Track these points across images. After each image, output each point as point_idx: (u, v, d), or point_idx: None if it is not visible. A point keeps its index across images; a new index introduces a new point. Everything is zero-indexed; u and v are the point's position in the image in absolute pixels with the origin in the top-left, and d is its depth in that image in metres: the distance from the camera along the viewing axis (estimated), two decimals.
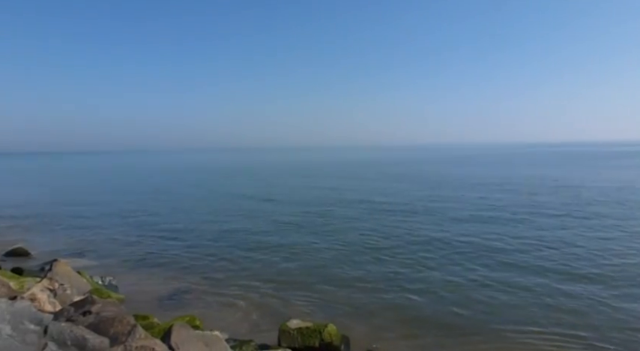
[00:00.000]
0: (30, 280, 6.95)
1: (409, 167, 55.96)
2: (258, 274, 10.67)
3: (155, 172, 56.68)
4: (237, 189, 31.43)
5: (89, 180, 42.46)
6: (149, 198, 26.87)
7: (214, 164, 77.98)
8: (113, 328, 3.51)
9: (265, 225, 17.07)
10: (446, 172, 44.53)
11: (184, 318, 6.54)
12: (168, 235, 15.63)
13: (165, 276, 10.61)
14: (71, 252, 13.02)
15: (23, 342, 2.80)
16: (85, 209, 22.10)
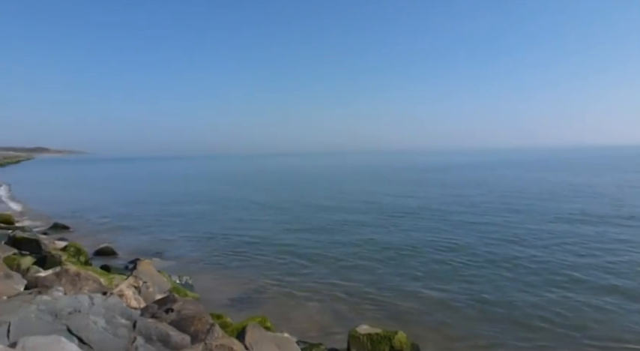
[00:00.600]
0: (117, 277, 7.50)
1: (478, 172, 53.71)
2: (329, 278, 10.72)
3: (228, 176, 58.92)
4: (308, 193, 31.86)
5: (174, 184, 44.94)
6: (225, 201, 27.92)
7: (280, 169, 79.67)
8: (193, 326, 3.69)
9: (338, 229, 17.14)
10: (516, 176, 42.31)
11: (256, 318, 6.72)
12: (243, 236, 16.14)
13: (237, 276, 10.99)
14: (151, 252, 13.81)
15: (115, 335, 3.01)
16: (166, 211, 23.39)
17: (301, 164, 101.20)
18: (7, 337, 2.62)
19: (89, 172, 75.08)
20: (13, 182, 44.43)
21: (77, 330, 2.90)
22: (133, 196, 31.99)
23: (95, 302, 3.14)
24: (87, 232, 17.25)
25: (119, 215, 21.93)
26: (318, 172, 62.26)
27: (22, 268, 9.04)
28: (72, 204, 26.63)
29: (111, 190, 37.98)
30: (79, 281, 6.10)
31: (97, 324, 3.00)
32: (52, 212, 22.36)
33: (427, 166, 74.16)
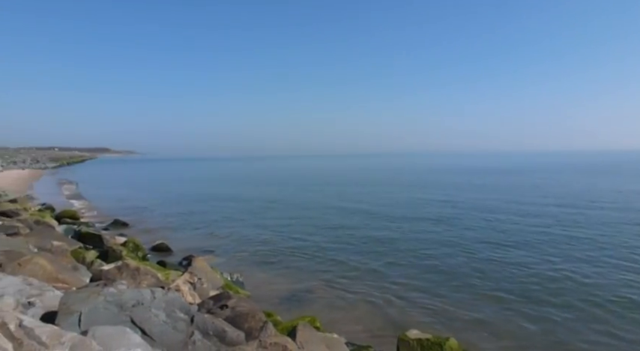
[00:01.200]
0: (173, 272, 7.80)
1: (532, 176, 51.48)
2: (379, 281, 10.63)
3: (275, 176, 59.80)
4: (354, 195, 31.78)
5: (223, 184, 46.21)
6: (274, 201, 28.33)
7: (317, 170, 79.83)
8: (247, 322, 3.78)
9: (390, 233, 16.98)
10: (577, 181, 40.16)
11: (305, 318, 6.78)
12: (294, 236, 16.35)
13: (287, 276, 11.14)
14: (203, 249, 14.24)
15: (175, 328, 3.13)
16: (218, 210, 24.07)
17: (341, 166, 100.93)
18: (79, 325, 2.79)
19: (145, 172, 78.56)
20: (78, 180, 47.25)
21: (140, 322, 3.04)
22: (185, 195, 33.16)
23: (156, 296, 3.28)
24: (144, 229, 18.02)
25: (173, 214, 22.79)
26: (357, 175, 61.86)
27: (86, 261, 9.60)
28: (130, 202, 27.96)
29: (165, 189, 39.55)
30: (139, 275, 6.39)
31: (158, 317, 3.13)
32: (113, 209, 23.57)
33: (468, 169, 71.79)
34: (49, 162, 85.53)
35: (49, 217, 16.45)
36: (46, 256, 5.98)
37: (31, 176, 47.08)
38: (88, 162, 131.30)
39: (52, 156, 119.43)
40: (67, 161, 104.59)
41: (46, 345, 2.08)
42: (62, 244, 9.65)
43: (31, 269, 5.06)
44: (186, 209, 24.53)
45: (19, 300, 2.98)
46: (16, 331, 2.09)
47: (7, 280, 3.10)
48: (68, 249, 9.72)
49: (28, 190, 31.70)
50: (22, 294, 3.03)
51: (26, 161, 75.36)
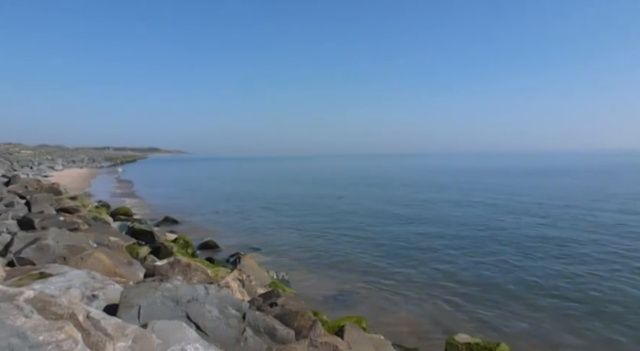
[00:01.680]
0: (222, 269, 8.00)
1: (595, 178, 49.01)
2: (428, 282, 10.46)
3: (320, 176, 60.08)
4: (402, 194, 31.44)
5: (271, 184, 46.93)
6: (320, 200, 28.50)
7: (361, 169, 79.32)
8: (296, 321, 3.81)
9: (441, 232, 16.70)
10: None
11: (351, 318, 6.77)
12: (340, 235, 16.36)
13: (333, 275, 11.15)
14: (250, 247, 14.51)
15: (227, 324, 3.21)
16: (264, 208, 24.43)
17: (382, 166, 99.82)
18: (138, 318, 2.91)
19: (193, 171, 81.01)
20: (131, 178, 49.38)
21: (195, 317, 3.13)
22: (232, 194, 33.90)
23: (210, 292, 3.37)
24: (192, 226, 18.58)
25: (221, 212, 23.38)
26: (398, 175, 60.98)
27: (140, 257, 10.02)
28: (179, 199, 28.94)
29: (212, 187, 40.63)
30: (190, 271, 6.59)
31: (212, 313, 3.22)
32: (163, 206, 24.47)
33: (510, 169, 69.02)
34: (104, 161, 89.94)
35: (105, 214, 17.27)
36: (105, 250, 6.28)
37: (89, 175, 49.63)
38: (140, 161, 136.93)
39: (106, 155, 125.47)
40: (121, 160, 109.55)
41: (111, 336, 2.18)
42: (118, 240, 10.11)
43: (91, 263, 5.34)
44: (233, 207, 25.10)
45: (84, 292, 3.15)
46: (84, 322, 2.20)
47: (73, 273, 3.28)
48: (123, 244, 10.16)
49: (86, 187, 33.40)
50: (86, 287, 3.20)
51: (84, 160, 79.53)
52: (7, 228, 9.53)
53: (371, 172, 70.44)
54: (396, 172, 68.62)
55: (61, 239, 6.61)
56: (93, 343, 2.13)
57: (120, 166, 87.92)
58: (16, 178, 21.22)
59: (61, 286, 3.04)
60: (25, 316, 2.06)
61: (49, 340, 1.99)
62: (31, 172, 37.83)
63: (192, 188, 39.49)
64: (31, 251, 5.57)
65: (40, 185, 20.07)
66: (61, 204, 14.69)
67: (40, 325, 2.06)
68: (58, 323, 2.13)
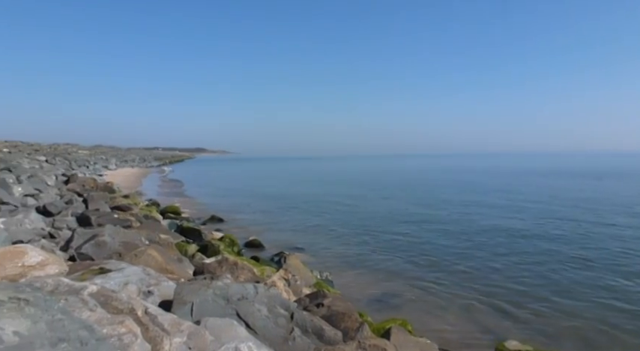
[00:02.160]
0: (267, 268, 8.13)
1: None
2: (476, 285, 10.14)
3: (363, 176, 59.84)
4: (450, 194, 30.81)
5: (314, 184, 47.24)
6: (369, 200, 28.35)
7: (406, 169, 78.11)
8: (343, 322, 3.82)
9: (492, 234, 16.26)
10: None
11: (396, 321, 6.70)
12: (385, 236, 16.21)
13: (377, 276, 11.05)
14: (293, 246, 14.63)
15: (276, 324, 3.25)
16: (308, 208, 24.58)
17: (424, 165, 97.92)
18: (191, 315, 3.00)
19: (238, 170, 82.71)
20: (179, 178, 51.04)
21: (245, 315, 3.20)
22: (276, 193, 34.35)
23: (259, 291, 3.43)
24: (237, 225, 18.96)
25: (265, 211, 23.74)
26: (441, 175, 59.57)
27: (188, 254, 10.33)
28: (225, 198, 29.62)
29: (257, 187, 41.31)
30: (237, 270, 6.74)
31: (261, 312, 3.27)
32: (209, 205, 25.14)
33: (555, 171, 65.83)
34: (153, 161, 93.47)
35: (155, 212, 17.94)
36: (156, 248, 6.52)
37: (140, 174, 51.73)
38: (187, 161, 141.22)
39: (156, 155, 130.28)
40: (169, 160, 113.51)
41: (167, 332, 2.27)
42: (168, 238, 10.47)
43: (144, 260, 5.56)
44: (276, 207, 25.42)
45: (140, 288, 3.28)
46: (142, 317, 2.30)
47: (130, 269, 3.43)
48: (173, 242, 10.52)
49: (138, 186, 34.80)
50: (142, 283, 3.34)
51: (135, 160, 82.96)
52: (67, 224, 10.09)
53: (412, 173, 69.40)
54: (436, 172, 67.24)
55: (117, 236, 6.92)
56: (151, 337, 2.21)
57: (168, 165, 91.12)
58: (75, 177, 22.41)
59: (119, 281, 3.19)
60: (89, 310, 2.17)
61: (111, 333, 2.08)
62: (87, 171, 39.86)
63: (237, 188, 40.31)
64: (90, 247, 5.87)
65: (96, 184, 21.09)
66: (115, 202, 15.38)
67: (103, 319, 2.16)
68: (119, 317, 2.23)
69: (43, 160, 33.06)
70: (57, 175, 23.02)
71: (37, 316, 1.60)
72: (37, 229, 8.90)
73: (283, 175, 66.20)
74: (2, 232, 6.35)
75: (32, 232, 8.54)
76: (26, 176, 16.28)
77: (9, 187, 12.58)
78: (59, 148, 65.58)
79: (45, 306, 1.66)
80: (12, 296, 1.60)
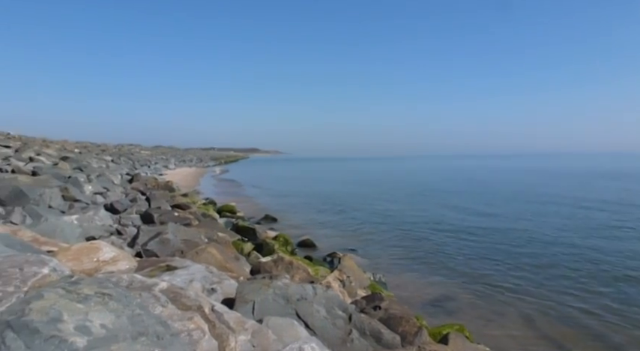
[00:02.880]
0: (321, 269, 8.20)
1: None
2: (538, 293, 9.71)
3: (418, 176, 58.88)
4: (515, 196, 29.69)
5: (365, 184, 47.10)
6: (419, 201, 27.91)
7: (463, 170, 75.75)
8: (401, 326, 3.78)
9: (559, 238, 15.56)
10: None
11: (453, 326, 6.54)
12: (441, 238, 15.89)
13: (431, 280, 10.82)
14: (346, 247, 14.63)
15: (334, 325, 3.28)
16: (361, 209, 24.46)
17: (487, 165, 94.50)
18: (253, 313, 3.09)
19: (290, 170, 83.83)
20: (233, 177, 52.49)
21: (304, 315, 3.25)
22: (328, 193, 34.49)
23: (317, 292, 3.48)
24: (290, 225, 19.22)
25: (317, 211, 23.91)
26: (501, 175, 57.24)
27: (244, 252, 10.61)
28: (278, 198, 30.11)
29: (309, 187, 41.69)
30: (292, 269, 6.85)
31: (320, 313, 3.32)
32: (263, 204, 25.67)
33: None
34: (210, 161, 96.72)
35: (212, 211, 18.56)
36: (215, 246, 6.75)
37: (197, 173, 53.69)
38: (241, 161, 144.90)
39: (212, 155, 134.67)
40: (225, 160, 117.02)
41: (233, 329, 2.35)
42: (225, 236, 10.81)
43: (205, 257, 5.77)
44: (329, 207, 25.54)
45: (204, 285, 3.42)
46: (209, 314, 2.40)
47: (195, 267, 3.58)
48: (230, 240, 10.86)
49: (195, 185, 36.13)
50: (206, 280, 3.48)
51: (192, 160, 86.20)
52: (132, 221, 10.66)
53: (474, 172, 67.32)
54: (500, 172, 64.81)
55: (178, 234, 7.24)
56: (217, 334, 2.30)
57: (224, 165, 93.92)
58: (138, 176, 23.64)
59: (185, 278, 3.34)
60: (161, 306, 2.29)
61: (181, 328, 2.19)
62: (148, 170, 41.89)
63: (289, 188, 40.86)
64: (155, 244, 6.19)
65: (157, 183, 22.12)
66: (175, 200, 16.04)
67: (173, 315, 2.27)
68: (188, 314, 2.34)
69: (109, 160, 35.08)
70: (122, 175, 24.38)
71: (120, 310, 1.71)
72: (106, 226, 9.47)
73: (334, 175, 66.39)
74: (77, 228, 6.82)
75: (102, 229, 9.11)
76: (95, 175, 17.34)
77: (81, 185, 13.45)
78: (123, 149, 69.33)
79: (126, 301, 1.78)
80: (97, 291, 1.73)
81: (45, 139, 43.78)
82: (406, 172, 75.84)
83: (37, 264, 2.83)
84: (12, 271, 2.75)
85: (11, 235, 4.79)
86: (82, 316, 1.60)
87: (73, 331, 1.53)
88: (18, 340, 1.41)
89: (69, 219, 7.80)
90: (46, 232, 5.91)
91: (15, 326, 1.47)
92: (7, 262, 2.81)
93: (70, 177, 14.18)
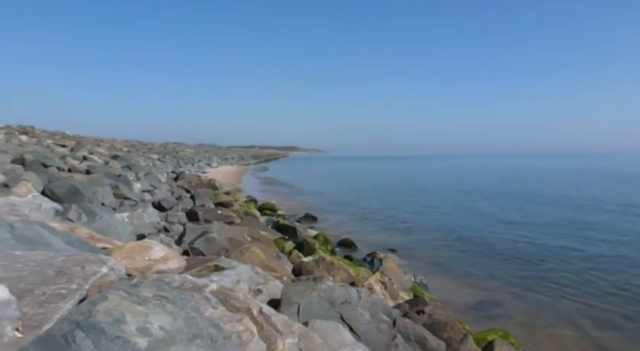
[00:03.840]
0: (362, 269, 8.20)
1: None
2: (589, 297, 9.32)
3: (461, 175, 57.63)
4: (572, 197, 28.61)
5: (407, 182, 46.61)
6: (479, 200, 27.33)
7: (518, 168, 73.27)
8: (446, 332, 3.74)
9: (618, 238, 14.95)
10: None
11: (497, 332, 6.37)
12: (487, 240, 15.53)
13: (474, 282, 10.57)
14: (386, 247, 14.52)
15: (378, 329, 3.29)
16: (402, 208, 24.20)
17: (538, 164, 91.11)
18: (298, 315, 3.15)
19: (330, 169, 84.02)
20: (274, 175, 53.18)
21: (348, 319, 3.27)
22: (369, 192, 34.36)
23: (362, 296, 3.49)
24: (330, 223, 19.28)
25: (358, 210, 23.86)
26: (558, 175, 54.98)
27: (285, 251, 10.75)
28: (318, 196, 30.24)
29: (349, 185, 41.66)
30: (333, 269, 6.89)
31: (364, 316, 3.33)
32: (303, 203, 25.88)
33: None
34: (250, 159, 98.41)
35: (254, 208, 18.90)
36: (259, 245, 6.89)
37: (238, 171, 54.75)
38: (281, 159, 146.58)
39: (253, 154, 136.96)
40: (265, 158, 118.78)
41: (281, 332, 2.40)
42: (267, 234, 10.99)
43: (249, 256, 5.90)
44: (369, 206, 25.44)
45: (250, 286, 3.51)
46: (258, 316, 2.46)
47: (242, 268, 3.68)
48: (271, 239, 11.03)
49: (237, 183, 36.86)
50: (252, 281, 3.57)
51: (234, 158, 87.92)
52: (179, 219, 11.02)
53: (523, 171, 65.18)
54: (550, 172, 62.41)
55: (223, 232, 7.43)
56: (266, 336, 2.36)
57: (264, 163, 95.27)
58: (183, 174, 24.37)
59: (233, 279, 3.44)
60: (212, 307, 2.37)
61: (232, 330, 2.26)
62: (192, 168, 43.09)
63: (328, 186, 40.97)
64: (201, 243, 6.38)
65: (200, 181, 22.73)
66: (218, 198, 16.43)
67: (224, 316, 2.35)
68: (237, 315, 2.41)
69: (156, 158, 36.32)
70: (167, 173, 25.22)
71: (176, 312, 1.80)
72: (154, 223, 9.84)
73: (374, 174, 66.00)
74: (128, 225, 7.13)
75: (150, 226, 9.47)
76: (143, 174, 18.02)
77: (130, 183, 14.03)
78: (168, 147, 71.64)
79: (181, 304, 1.86)
80: (155, 294, 1.82)
81: (96, 139, 45.87)
82: (448, 170, 74.33)
83: (96, 263, 3.00)
84: (75, 270, 2.93)
85: (70, 233, 5.08)
86: (142, 318, 1.69)
87: (134, 332, 1.62)
88: (87, 339, 1.51)
89: (120, 217, 8.17)
90: (100, 230, 6.22)
91: (84, 326, 1.58)
92: (70, 260, 2.99)
93: (120, 175, 14.80)
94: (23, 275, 2.84)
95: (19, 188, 7.55)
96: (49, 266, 2.92)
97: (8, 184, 8.33)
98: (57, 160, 13.15)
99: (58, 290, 2.74)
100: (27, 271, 2.87)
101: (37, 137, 23.73)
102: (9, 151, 12.32)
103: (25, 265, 2.91)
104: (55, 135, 31.24)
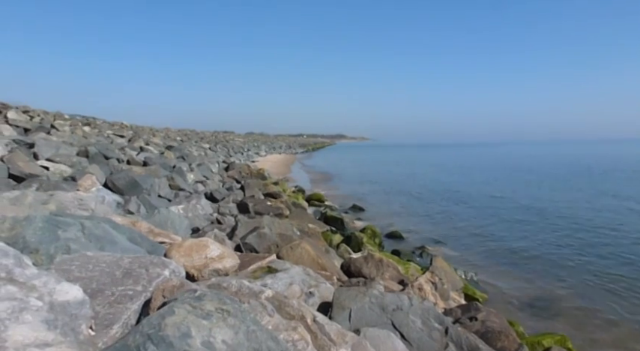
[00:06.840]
0: (411, 266, 8.15)
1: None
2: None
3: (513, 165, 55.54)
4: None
5: (460, 173, 45.54)
6: (526, 192, 26.35)
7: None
8: (500, 341, 3.67)
9: None
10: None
11: (554, 336, 6.14)
12: (545, 231, 14.95)
13: (529, 279, 10.13)
14: (435, 240, 14.28)
15: (430, 337, 3.28)
16: (454, 200, 23.52)
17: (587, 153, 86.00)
18: (349, 321, 3.19)
19: (377, 157, 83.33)
20: (321, 164, 53.43)
21: (399, 326, 3.29)
22: (416, 181, 33.83)
23: (413, 303, 3.49)
24: (377, 214, 19.17)
25: (405, 200, 23.60)
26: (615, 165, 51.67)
27: (333, 244, 10.84)
28: (365, 186, 30.13)
29: (398, 174, 41.17)
30: (382, 267, 6.89)
31: (415, 324, 3.33)
32: (351, 193, 25.87)
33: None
34: (298, 148, 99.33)
35: (302, 199, 19.10)
36: (308, 241, 6.98)
37: (286, 160, 55.44)
38: (328, 147, 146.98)
39: (300, 142, 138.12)
40: (312, 147, 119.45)
41: (334, 342, 2.46)
42: (315, 227, 11.11)
43: (299, 253, 6.00)
44: (416, 195, 25.11)
45: (302, 289, 3.59)
46: (312, 325, 2.52)
47: (294, 270, 3.76)
48: (319, 231, 11.15)
49: (286, 173, 37.36)
50: (304, 283, 3.65)
51: (282, 147, 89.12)
52: (230, 210, 11.35)
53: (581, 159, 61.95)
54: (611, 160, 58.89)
55: (273, 227, 7.59)
56: (319, 345, 2.42)
57: (312, 152, 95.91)
58: (233, 165, 25.00)
59: (286, 282, 3.53)
60: (268, 315, 2.46)
61: (287, 338, 2.34)
62: (242, 157, 44.08)
63: (376, 175, 40.67)
64: (253, 238, 6.56)
65: (250, 170, 23.20)
66: (267, 189, 16.75)
67: (279, 324, 2.43)
68: (292, 323, 2.48)
69: (207, 147, 37.44)
70: (219, 162, 25.96)
71: (237, 326, 1.88)
72: (207, 215, 10.21)
73: (422, 162, 64.82)
74: (184, 219, 7.44)
75: (204, 218, 9.83)
76: (196, 164, 18.64)
77: (184, 174, 14.57)
78: (219, 136, 73.55)
79: (242, 317, 1.94)
80: (217, 307, 1.91)
81: (152, 128, 47.80)
82: (501, 157, 71.73)
83: (159, 266, 3.17)
84: (140, 272, 3.11)
85: (132, 227, 5.38)
86: (206, 332, 1.78)
87: (200, 347, 1.71)
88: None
89: (176, 209, 8.53)
90: (158, 224, 6.54)
91: (154, 339, 1.69)
92: (136, 262, 3.18)
93: (174, 166, 15.39)
94: (95, 276, 3.05)
95: (85, 181, 8.01)
96: (117, 267, 3.12)
97: (75, 177, 8.87)
98: (117, 152, 13.83)
99: (125, 291, 2.93)
100: (98, 271, 3.09)
101: (98, 128, 25.05)
102: (74, 143, 13.07)
103: (96, 265, 3.13)
104: (114, 125, 32.83)
